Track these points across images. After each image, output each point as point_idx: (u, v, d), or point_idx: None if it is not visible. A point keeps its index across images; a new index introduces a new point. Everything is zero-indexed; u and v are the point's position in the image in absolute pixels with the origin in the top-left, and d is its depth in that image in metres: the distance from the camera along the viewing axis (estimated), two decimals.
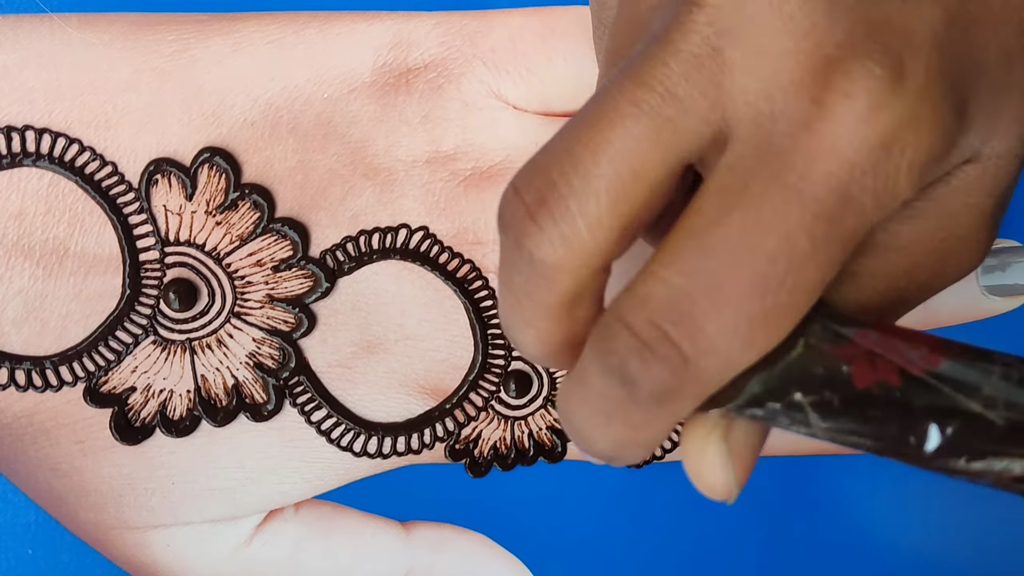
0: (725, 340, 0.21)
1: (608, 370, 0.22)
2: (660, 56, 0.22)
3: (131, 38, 0.31)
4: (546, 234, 0.22)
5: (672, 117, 0.22)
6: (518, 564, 0.34)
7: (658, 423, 0.22)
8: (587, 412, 0.23)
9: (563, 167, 0.22)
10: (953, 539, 0.36)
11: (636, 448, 0.23)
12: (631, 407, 0.22)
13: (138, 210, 0.31)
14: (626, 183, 0.22)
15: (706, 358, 0.21)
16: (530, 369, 0.33)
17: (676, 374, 0.21)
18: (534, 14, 0.32)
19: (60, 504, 0.32)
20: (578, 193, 0.21)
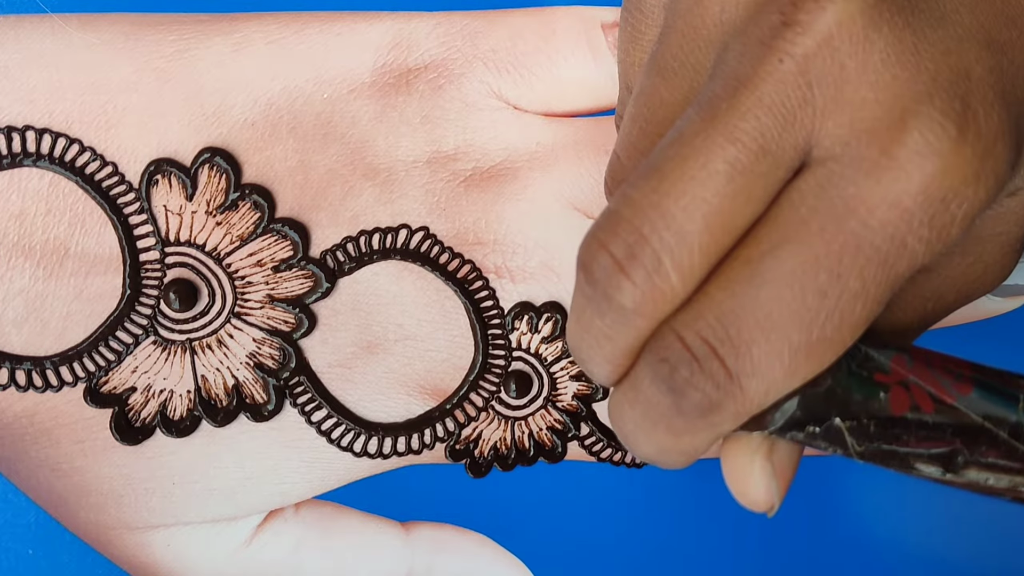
0: (769, 365, 0.22)
1: (658, 378, 0.23)
2: (751, 109, 0.22)
3: (132, 38, 0.31)
4: (639, 288, 0.22)
5: (765, 173, 0.22)
6: (518, 564, 0.34)
7: (699, 434, 0.23)
8: (635, 416, 0.24)
9: (654, 222, 0.22)
10: (953, 539, 0.36)
11: (677, 455, 0.24)
12: (675, 416, 0.23)
13: (138, 210, 0.31)
14: (716, 235, 0.22)
15: (749, 379, 0.22)
16: (530, 370, 0.33)
17: (720, 389, 0.22)
18: (535, 14, 0.32)
19: (60, 504, 0.32)
20: (671, 249, 0.22)
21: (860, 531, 0.36)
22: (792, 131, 0.22)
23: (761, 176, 0.22)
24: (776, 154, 0.22)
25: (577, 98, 0.32)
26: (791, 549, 0.35)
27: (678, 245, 0.22)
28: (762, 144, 0.22)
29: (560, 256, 0.32)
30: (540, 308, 0.32)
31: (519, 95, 0.32)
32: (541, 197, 0.32)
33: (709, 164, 0.22)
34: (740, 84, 0.23)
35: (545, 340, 0.32)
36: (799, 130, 0.22)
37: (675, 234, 0.22)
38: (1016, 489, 0.23)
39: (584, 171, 0.32)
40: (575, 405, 0.33)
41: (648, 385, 0.23)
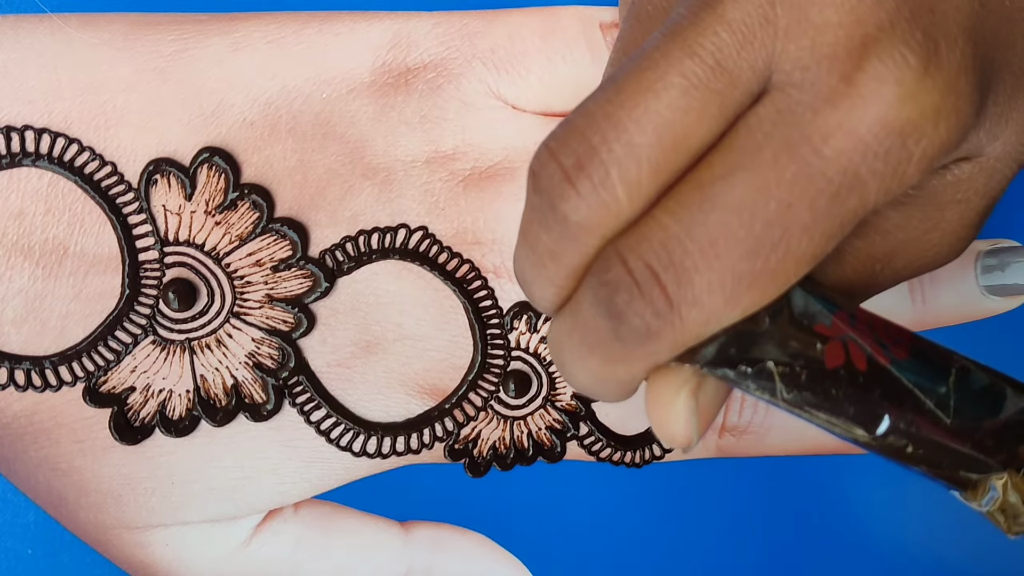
0: (710, 294, 0.21)
1: (597, 301, 0.22)
2: (711, 25, 0.22)
3: (131, 38, 0.31)
4: (584, 199, 0.22)
5: (720, 90, 0.22)
6: (517, 564, 0.34)
7: (636, 363, 0.22)
8: (572, 343, 0.23)
9: (604, 133, 0.22)
10: (953, 539, 0.36)
11: (613, 385, 0.23)
12: (612, 342, 0.22)
13: (137, 210, 0.31)
14: (668, 152, 0.22)
15: (689, 307, 0.21)
16: (529, 369, 0.33)
17: (659, 316, 0.21)
18: (533, 14, 0.32)
19: (60, 504, 0.32)
20: (619, 160, 0.22)
21: (860, 532, 0.36)
22: (751, 50, 0.22)
23: (716, 93, 0.22)
24: (733, 72, 0.22)
25: (575, 98, 0.32)
26: (791, 550, 0.35)
27: (627, 157, 0.21)
28: (719, 60, 0.22)
29: None
30: None
31: (518, 95, 0.32)
32: None
33: (665, 76, 0.22)
34: (704, 4, 0.22)
35: (544, 340, 0.32)
36: (759, 50, 0.22)
37: (625, 145, 0.21)
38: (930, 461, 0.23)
39: None
40: (574, 405, 0.33)
41: (588, 309, 0.22)
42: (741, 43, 0.22)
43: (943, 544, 0.36)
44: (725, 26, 0.22)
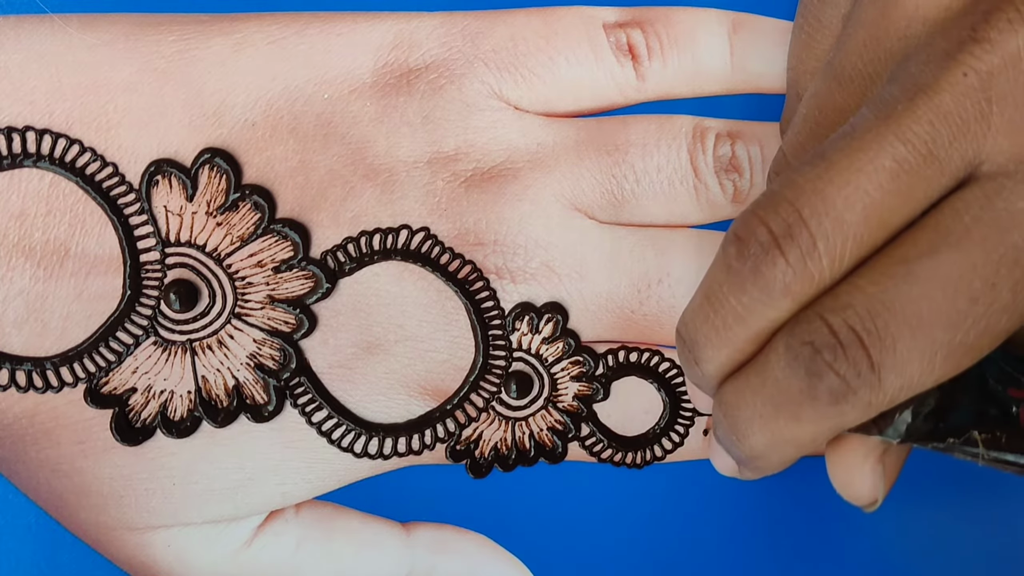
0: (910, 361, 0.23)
1: (797, 360, 0.23)
2: (926, 114, 0.23)
3: (132, 39, 0.31)
4: (791, 267, 0.23)
5: (929, 177, 0.23)
6: (519, 565, 0.34)
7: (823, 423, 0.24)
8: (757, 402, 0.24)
9: (815, 207, 0.23)
10: (954, 540, 0.36)
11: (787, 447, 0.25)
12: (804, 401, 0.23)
13: (139, 211, 0.31)
14: (872, 229, 0.23)
15: (890, 372, 0.23)
16: (531, 370, 0.33)
17: (860, 377, 0.23)
18: (536, 15, 0.32)
19: (61, 505, 0.32)
20: (827, 235, 0.23)
21: (861, 532, 0.36)
22: (963, 142, 0.23)
23: (924, 180, 0.23)
24: (943, 161, 0.23)
25: (578, 98, 0.32)
26: (791, 549, 0.35)
27: (834, 232, 0.23)
28: (932, 149, 0.23)
29: (561, 257, 0.32)
30: (541, 309, 0.32)
31: (520, 95, 0.32)
32: (542, 198, 0.32)
33: (877, 159, 0.23)
34: (919, 90, 0.23)
35: (546, 341, 0.32)
36: (970, 142, 0.23)
37: (833, 221, 0.23)
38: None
39: (585, 171, 0.32)
40: (576, 406, 0.33)
41: (781, 368, 0.24)
42: (954, 135, 0.23)
43: (943, 544, 0.36)
44: (941, 118, 0.23)
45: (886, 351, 0.23)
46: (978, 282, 0.23)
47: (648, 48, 0.33)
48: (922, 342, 0.23)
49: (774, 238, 0.23)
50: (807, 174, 0.23)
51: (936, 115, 0.23)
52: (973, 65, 0.23)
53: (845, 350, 0.23)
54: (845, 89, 0.26)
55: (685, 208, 0.33)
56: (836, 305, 0.23)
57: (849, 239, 0.23)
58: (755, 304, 0.24)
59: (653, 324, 0.32)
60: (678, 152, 0.32)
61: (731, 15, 0.33)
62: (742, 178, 0.33)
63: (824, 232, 0.23)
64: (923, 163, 0.23)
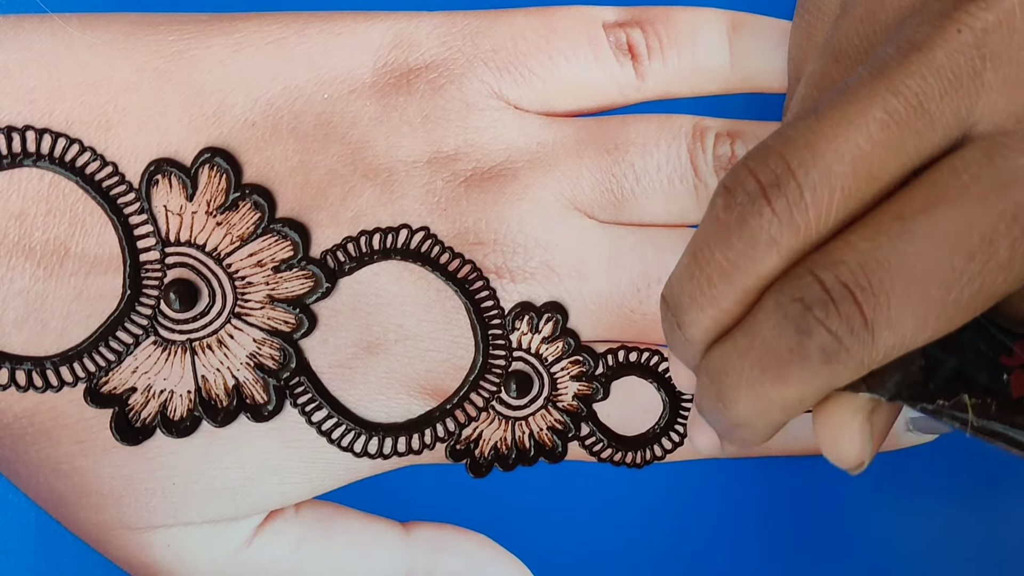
0: (903, 318, 0.22)
1: (786, 318, 0.23)
2: (918, 68, 0.23)
3: (132, 38, 0.31)
4: (777, 216, 0.23)
5: (920, 130, 0.23)
6: (519, 564, 0.34)
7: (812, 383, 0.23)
8: (744, 365, 0.24)
9: (803, 158, 0.23)
10: (954, 540, 0.36)
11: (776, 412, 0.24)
12: (794, 361, 0.23)
13: (139, 210, 0.31)
14: (861, 183, 0.23)
15: (882, 329, 0.22)
16: (530, 370, 0.33)
17: (853, 334, 0.22)
18: (536, 14, 0.32)
19: (61, 504, 0.32)
20: (815, 185, 0.23)
21: (861, 532, 0.36)
22: (955, 97, 0.23)
23: (915, 133, 0.23)
24: (934, 115, 0.23)
25: (578, 98, 0.32)
26: (790, 549, 0.35)
27: (822, 183, 0.23)
28: (922, 101, 0.23)
29: (561, 256, 0.32)
30: (540, 308, 0.32)
31: (520, 95, 0.32)
32: (542, 197, 0.32)
33: (867, 111, 0.23)
34: (913, 47, 0.23)
35: (546, 340, 0.32)
36: (962, 98, 0.23)
37: (821, 171, 0.23)
38: None
39: (585, 171, 0.32)
40: (575, 405, 0.33)
41: (770, 327, 0.23)
42: (946, 88, 0.23)
43: (943, 543, 0.36)
44: (933, 71, 0.23)
45: (880, 308, 0.22)
46: (975, 238, 0.22)
47: (648, 47, 0.33)
48: (916, 299, 0.22)
49: (762, 187, 0.23)
50: (798, 127, 0.23)
51: (928, 69, 0.23)
52: (968, 22, 0.23)
53: (837, 306, 0.22)
54: (842, 64, 0.26)
55: (685, 207, 0.33)
56: (828, 261, 0.23)
57: (837, 190, 0.23)
58: (741, 258, 0.23)
59: (653, 323, 0.32)
60: (678, 151, 0.32)
61: (731, 15, 0.33)
62: None
63: (811, 182, 0.23)
64: (913, 115, 0.23)
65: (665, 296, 0.25)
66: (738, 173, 0.23)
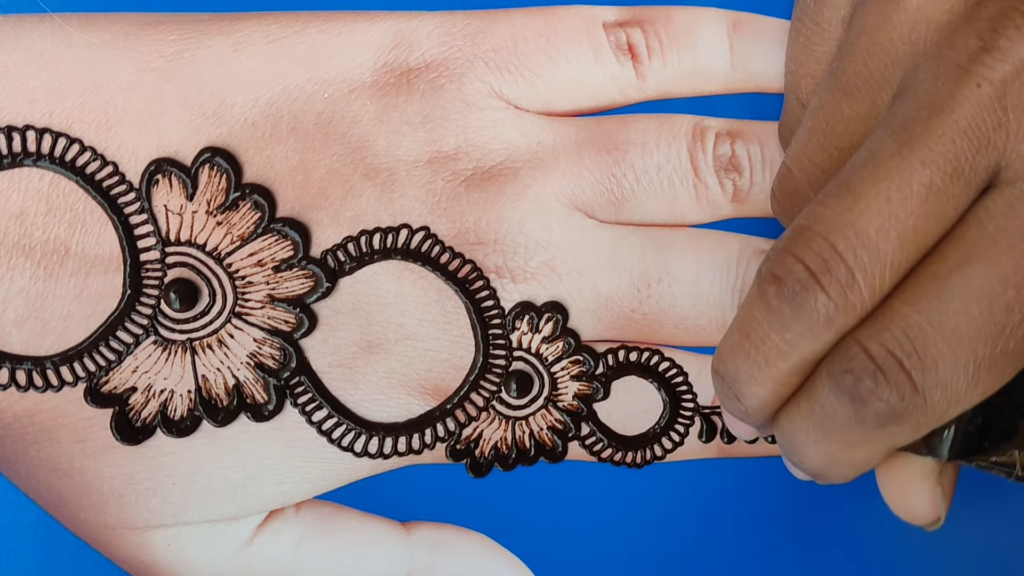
0: (954, 377, 0.23)
1: (840, 388, 0.24)
2: (947, 132, 0.23)
3: (132, 38, 0.31)
4: (832, 300, 0.23)
5: (956, 195, 0.23)
6: (519, 564, 0.34)
7: (873, 445, 0.24)
8: (809, 428, 0.25)
9: (849, 240, 0.23)
10: (955, 541, 0.36)
11: (845, 468, 0.25)
12: (853, 426, 0.24)
13: (139, 210, 0.31)
14: (908, 255, 0.23)
15: (934, 390, 0.23)
16: (531, 369, 0.33)
17: (904, 400, 0.23)
18: (536, 14, 0.32)
19: (61, 504, 0.32)
20: (865, 267, 0.23)
21: (861, 533, 0.36)
22: (985, 154, 0.23)
23: (953, 198, 0.23)
24: (968, 176, 0.23)
25: (578, 97, 0.32)
26: (790, 549, 0.35)
27: (871, 262, 0.23)
28: (956, 167, 0.23)
29: (561, 256, 0.32)
30: (541, 308, 0.32)
31: (520, 95, 0.32)
32: (542, 197, 0.32)
33: (904, 186, 0.23)
34: (936, 107, 0.23)
35: (546, 340, 0.32)
36: (991, 153, 0.23)
37: (869, 252, 0.23)
38: None
39: (585, 171, 0.32)
40: (576, 405, 0.33)
41: (827, 396, 0.24)
42: (976, 149, 0.23)
43: (946, 544, 0.36)
44: (961, 134, 0.23)
45: (928, 371, 0.23)
46: (1011, 291, 0.23)
47: (648, 47, 0.33)
48: (963, 357, 0.23)
49: (812, 274, 0.23)
50: (835, 207, 0.24)
51: (956, 132, 0.23)
52: (986, 75, 0.23)
53: (886, 375, 0.23)
54: (851, 99, 0.26)
55: (685, 207, 0.33)
56: (873, 330, 0.23)
57: (887, 267, 0.23)
58: (798, 339, 0.24)
59: (653, 323, 0.32)
60: (678, 151, 0.32)
61: (731, 14, 0.33)
62: (742, 177, 0.33)
63: (861, 264, 0.23)
64: (950, 182, 0.23)
65: (719, 371, 0.26)
66: (784, 260, 0.24)
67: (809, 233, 0.24)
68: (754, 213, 0.33)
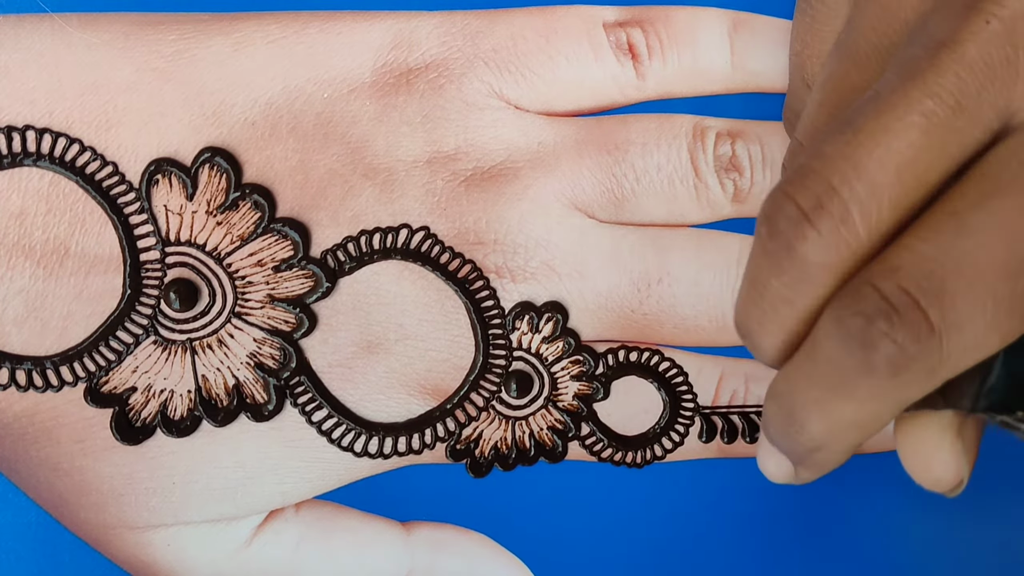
0: (973, 317, 0.21)
1: (848, 334, 0.22)
2: (951, 66, 0.22)
3: (132, 38, 0.31)
4: (825, 238, 0.22)
5: (961, 129, 0.22)
6: (519, 564, 0.34)
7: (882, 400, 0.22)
8: (810, 386, 0.23)
9: (845, 174, 0.22)
10: (955, 541, 0.36)
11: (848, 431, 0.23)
12: (862, 377, 0.22)
13: (139, 210, 0.31)
14: (908, 190, 0.22)
15: (951, 332, 0.21)
16: (531, 369, 0.33)
17: (920, 342, 0.21)
18: (536, 14, 0.32)
19: (61, 504, 0.32)
20: (861, 199, 0.22)
21: (861, 533, 0.36)
22: (991, 90, 0.22)
23: (956, 132, 0.22)
24: (973, 111, 0.22)
25: (578, 97, 0.32)
26: (791, 549, 0.35)
27: (868, 196, 0.22)
28: (960, 100, 0.22)
29: (561, 256, 0.32)
30: (541, 308, 0.32)
31: (520, 95, 0.32)
32: (542, 197, 0.32)
33: (905, 117, 0.22)
34: (941, 44, 0.23)
35: (546, 340, 0.32)
36: (999, 90, 0.22)
37: (866, 184, 0.22)
38: None
39: (586, 171, 0.32)
40: (576, 405, 0.33)
41: (833, 346, 0.22)
42: (982, 83, 0.22)
43: (947, 544, 0.36)
44: (966, 67, 0.22)
45: (945, 310, 0.21)
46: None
47: (648, 47, 0.33)
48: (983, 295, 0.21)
49: (803, 212, 0.22)
50: (834, 142, 0.22)
51: (961, 66, 0.22)
52: (995, 12, 0.22)
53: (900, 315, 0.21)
54: (861, 67, 0.25)
55: (685, 207, 0.33)
56: (884, 268, 0.22)
57: (884, 200, 0.22)
58: (796, 283, 0.22)
59: (653, 323, 0.32)
60: (678, 151, 0.32)
61: (731, 14, 0.33)
62: (742, 177, 0.33)
63: (857, 196, 0.22)
64: (953, 115, 0.22)
65: (736, 323, 0.25)
66: (776, 199, 0.23)
67: (805, 170, 0.23)
68: (755, 213, 0.33)
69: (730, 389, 0.34)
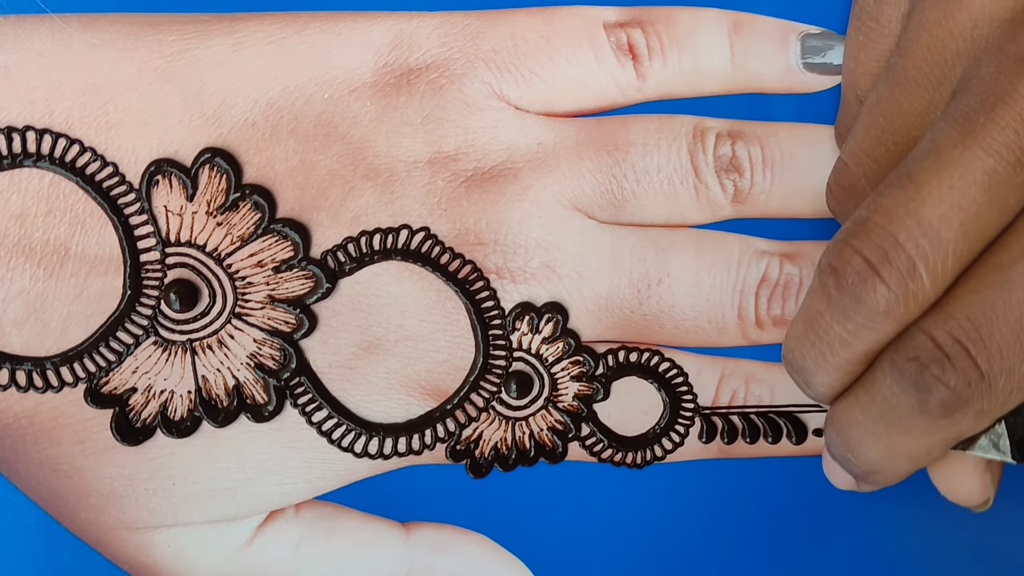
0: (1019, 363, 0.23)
1: (904, 376, 0.24)
2: (1009, 123, 0.23)
3: (132, 38, 0.31)
4: (892, 292, 0.24)
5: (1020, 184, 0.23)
6: (519, 565, 0.34)
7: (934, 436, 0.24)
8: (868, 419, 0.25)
9: (910, 230, 0.24)
10: (955, 541, 0.36)
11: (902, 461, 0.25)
12: (915, 416, 0.24)
13: (139, 211, 0.31)
14: (971, 244, 0.24)
15: (999, 376, 0.23)
16: (531, 370, 0.33)
17: (970, 386, 0.23)
18: (537, 14, 0.32)
19: (61, 505, 0.32)
20: (926, 254, 0.24)
21: (861, 533, 0.36)
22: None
23: (1016, 187, 0.23)
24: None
25: (579, 98, 0.32)
26: (792, 550, 0.35)
27: (933, 251, 0.23)
28: (1019, 156, 0.23)
29: (561, 257, 0.32)
30: (541, 309, 0.32)
31: (520, 95, 0.32)
32: (542, 198, 0.32)
33: (967, 175, 0.23)
34: (998, 99, 0.24)
35: (546, 340, 0.32)
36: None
37: (931, 240, 0.23)
38: None
39: (586, 171, 0.32)
40: (576, 405, 0.33)
41: (889, 385, 0.24)
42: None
43: (946, 544, 0.36)
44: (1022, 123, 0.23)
45: (993, 357, 0.23)
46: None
47: (648, 48, 0.33)
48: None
49: (870, 265, 0.24)
50: (896, 197, 0.24)
51: (1019, 122, 0.23)
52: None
53: (952, 362, 0.23)
54: (910, 93, 0.27)
55: (685, 208, 0.33)
56: (939, 319, 0.24)
57: (949, 255, 0.23)
58: (860, 329, 0.24)
59: (653, 324, 0.32)
60: (678, 152, 0.32)
61: (731, 15, 0.33)
62: (742, 178, 0.33)
63: (923, 252, 0.23)
64: (1013, 172, 0.23)
65: (788, 359, 0.27)
66: (843, 252, 0.24)
67: (869, 224, 0.24)
68: (754, 214, 0.33)
69: (730, 389, 0.34)
